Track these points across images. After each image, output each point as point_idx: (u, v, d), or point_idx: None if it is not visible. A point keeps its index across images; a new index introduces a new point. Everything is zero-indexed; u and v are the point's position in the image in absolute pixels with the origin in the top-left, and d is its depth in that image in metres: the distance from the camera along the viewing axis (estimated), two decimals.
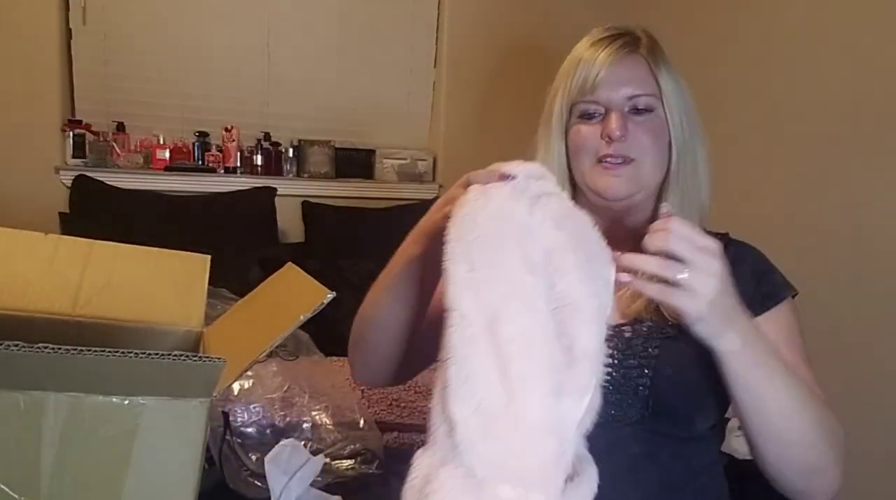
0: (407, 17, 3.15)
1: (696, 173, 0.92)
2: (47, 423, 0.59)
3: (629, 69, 0.89)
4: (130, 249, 0.89)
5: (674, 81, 0.91)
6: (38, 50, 2.63)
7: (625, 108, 0.89)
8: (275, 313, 0.78)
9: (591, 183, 0.91)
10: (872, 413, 1.94)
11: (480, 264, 0.59)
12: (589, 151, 0.91)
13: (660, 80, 0.90)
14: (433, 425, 0.57)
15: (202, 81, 2.90)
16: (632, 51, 0.90)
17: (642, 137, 0.88)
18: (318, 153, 3.04)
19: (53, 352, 0.55)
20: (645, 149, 0.89)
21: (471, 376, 0.55)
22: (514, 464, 0.54)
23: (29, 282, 0.80)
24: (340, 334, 2.41)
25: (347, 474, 1.45)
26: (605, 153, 0.89)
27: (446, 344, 0.56)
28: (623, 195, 0.90)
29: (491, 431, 0.54)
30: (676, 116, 0.90)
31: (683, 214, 0.87)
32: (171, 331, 0.84)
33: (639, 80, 0.90)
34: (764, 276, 0.91)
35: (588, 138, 0.90)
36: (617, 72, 0.89)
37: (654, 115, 0.90)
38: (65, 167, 2.70)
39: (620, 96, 0.89)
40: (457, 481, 0.54)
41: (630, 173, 0.89)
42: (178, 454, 0.62)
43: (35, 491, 0.59)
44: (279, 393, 1.56)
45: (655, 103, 0.90)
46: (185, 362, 0.58)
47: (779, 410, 0.73)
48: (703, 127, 0.94)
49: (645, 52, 0.91)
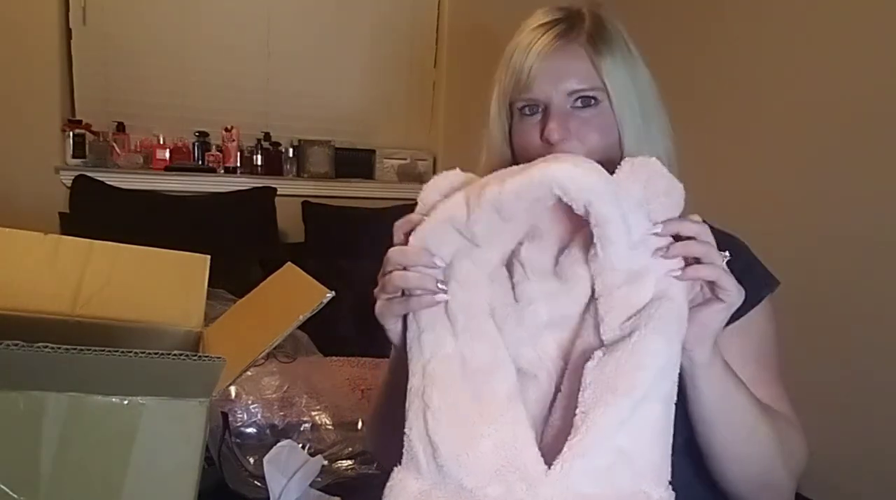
0: (407, 17, 3.15)
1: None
2: (47, 423, 0.59)
3: (567, 60, 0.80)
4: (130, 249, 0.89)
5: (624, 68, 0.81)
6: (38, 50, 2.63)
7: (566, 104, 0.81)
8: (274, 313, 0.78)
9: None
10: (873, 413, 1.94)
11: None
12: (532, 154, 0.82)
13: (601, 70, 0.80)
14: (413, 446, 0.64)
15: (202, 81, 2.90)
16: (571, 38, 0.81)
17: (588, 134, 0.81)
18: (318, 153, 3.04)
19: (53, 352, 0.55)
20: (591, 147, 0.81)
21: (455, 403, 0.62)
22: (491, 464, 0.60)
23: (29, 282, 0.80)
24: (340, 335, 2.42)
25: (347, 474, 1.45)
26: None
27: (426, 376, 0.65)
28: None
29: (469, 443, 0.61)
30: (626, 108, 0.81)
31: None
32: (171, 331, 0.84)
33: (579, 73, 0.80)
34: (743, 275, 0.87)
35: (531, 142, 0.83)
36: (554, 64, 0.80)
37: (600, 108, 0.81)
38: (65, 167, 2.70)
39: (560, 91, 0.80)
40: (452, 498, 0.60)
41: None
42: (177, 454, 0.62)
43: (34, 491, 0.59)
44: (279, 394, 1.56)
45: (601, 95, 0.81)
46: (184, 361, 0.58)
47: (743, 422, 0.73)
48: (666, 115, 0.86)
49: (585, 39, 0.81)
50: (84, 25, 2.72)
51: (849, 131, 2.06)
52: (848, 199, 2.06)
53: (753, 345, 0.84)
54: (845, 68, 2.08)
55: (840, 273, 2.06)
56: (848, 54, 2.08)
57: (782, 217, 2.24)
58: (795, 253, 2.11)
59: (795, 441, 0.79)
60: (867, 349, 1.98)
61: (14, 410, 0.58)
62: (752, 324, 0.84)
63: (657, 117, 0.85)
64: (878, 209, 1.97)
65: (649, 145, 0.83)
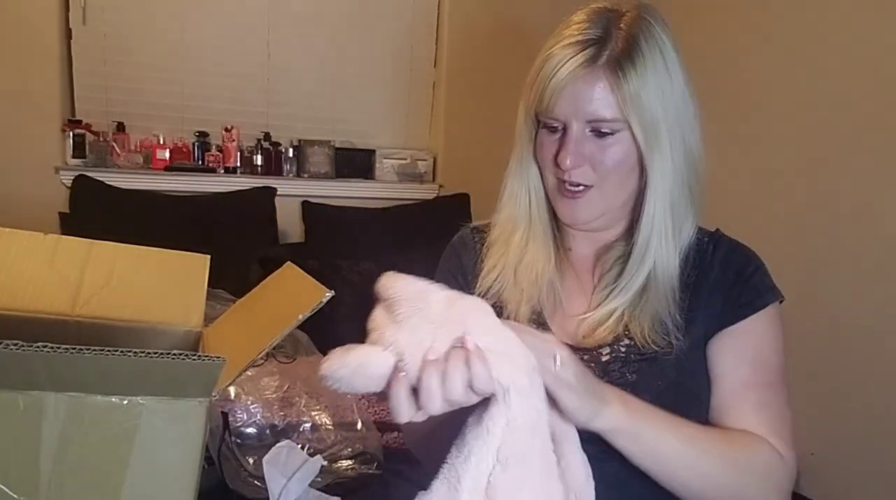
0: (407, 17, 3.15)
1: (682, 198, 0.85)
2: (47, 423, 0.59)
3: (590, 89, 0.80)
4: (130, 249, 0.89)
5: (653, 92, 0.80)
6: (38, 50, 2.63)
7: (585, 129, 0.82)
8: (274, 313, 0.78)
9: (554, 205, 0.88)
10: (873, 413, 1.94)
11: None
12: (548, 172, 0.87)
13: (625, 101, 0.79)
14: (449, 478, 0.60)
15: (202, 81, 2.90)
16: (599, 64, 0.80)
17: (603, 160, 0.82)
18: (318, 153, 3.04)
19: (53, 352, 0.55)
20: (604, 173, 0.83)
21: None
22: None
23: (29, 282, 0.80)
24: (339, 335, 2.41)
25: (347, 474, 1.45)
26: (560, 177, 0.85)
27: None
28: (582, 222, 0.87)
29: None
30: (650, 136, 0.81)
31: (665, 224, 0.85)
32: (171, 331, 0.84)
33: (601, 102, 0.80)
34: (748, 281, 0.87)
35: (548, 159, 0.86)
36: (577, 91, 0.80)
37: (619, 137, 0.82)
38: (65, 167, 2.70)
39: (579, 119, 0.81)
40: None
41: (589, 199, 0.85)
42: (177, 453, 0.62)
43: (34, 491, 0.59)
44: (279, 394, 1.56)
45: (619, 125, 0.81)
46: (184, 361, 0.57)
47: (682, 465, 0.74)
48: (700, 130, 0.86)
49: (613, 66, 0.79)
50: (84, 25, 2.71)
51: (849, 131, 2.06)
52: (848, 199, 2.06)
53: (751, 348, 0.85)
54: (845, 68, 2.08)
55: (840, 273, 2.06)
56: (848, 54, 2.08)
57: (782, 217, 2.24)
58: (796, 253, 2.11)
59: (761, 457, 0.79)
60: (867, 349, 1.98)
61: (14, 410, 0.58)
62: (752, 329, 0.85)
63: (688, 137, 0.84)
64: (879, 209, 1.97)
65: (673, 172, 0.83)
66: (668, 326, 0.84)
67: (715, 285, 0.87)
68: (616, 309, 0.86)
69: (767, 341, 0.86)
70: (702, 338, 0.86)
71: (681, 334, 0.85)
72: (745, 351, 0.85)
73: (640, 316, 0.85)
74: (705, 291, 0.87)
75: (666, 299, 0.85)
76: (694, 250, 0.90)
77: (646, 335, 0.84)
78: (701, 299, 0.86)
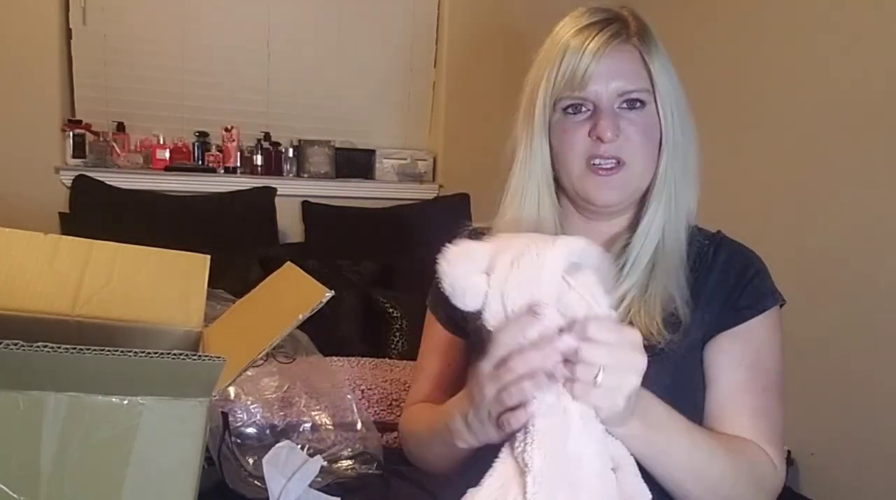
0: (407, 17, 3.15)
1: (685, 174, 0.87)
2: (47, 423, 0.59)
3: (620, 61, 0.82)
4: (130, 249, 0.89)
5: (666, 72, 0.84)
6: (38, 50, 2.63)
7: (615, 104, 0.83)
8: (274, 313, 0.78)
9: (581, 190, 0.86)
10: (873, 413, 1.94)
11: None
12: (577, 153, 0.84)
13: (653, 72, 0.83)
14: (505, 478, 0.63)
15: (202, 81, 2.90)
16: (623, 39, 0.82)
17: (634, 135, 0.83)
18: (318, 153, 3.04)
19: (53, 352, 0.55)
20: (636, 148, 0.83)
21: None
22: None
23: (29, 282, 0.80)
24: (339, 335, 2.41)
25: (347, 474, 1.44)
26: (595, 154, 0.83)
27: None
28: (614, 202, 0.86)
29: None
30: (669, 111, 0.84)
31: (669, 216, 0.85)
32: (171, 331, 0.84)
33: (630, 74, 0.82)
34: (749, 283, 0.86)
35: (577, 140, 0.84)
36: (608, 64, 0.81)
37: (646, 110, 0.84)
38: (65, 167, 2.70)
39: (611, 91, 0.82)
40: None
41: (622, 178, 0.84)
42: (177, 453, 0.62)
43: (34, 491, 0.59)
44: (279, 394, 1.56)
45: (647, 98, 0.83)
46: (184, 361, 0.58)
47: (688, 469, 0.74)
48: (694, 123, 0.88)
49: (637, 41, 0.83)
50: (84, 25, 2.71)
51: (849, 132, 2.06)
52: (848, 199, 2.06)
53: (749, 352, 0.84)
54: (845, 69, 2.08)
55: (840, 273, 2.06)
56: (849, 54, 2.08)
57: (782, 218, 2.24)
58: (796, 252, 2.11)
59: (759, 468, 0.80)
60: (867, 348, 1.98)
61: (14, 410, 0.58)
62: (752, 332, 0.85)
63: (690, 123, 0.87)
64: (879, 209, 1.97)
65: (683, 151, 0.85)
66: (678, 304, 0.82)
67: (715, 287, 0.87)
68: (626, 294, 0.84)
69: (766, 344, 0.85)
70: (700, 340, 0.86)
71: (691, 314, 0.83)
72: (744, 354, 0.84)
73: (650, 301, 0.83)
74: (705, 293, 0.86)
75: (676, 274, 0.84)
76: (695, 252, 0.89)
77: (656, 323, 0.82)
78: (700, 301, 0.86)
